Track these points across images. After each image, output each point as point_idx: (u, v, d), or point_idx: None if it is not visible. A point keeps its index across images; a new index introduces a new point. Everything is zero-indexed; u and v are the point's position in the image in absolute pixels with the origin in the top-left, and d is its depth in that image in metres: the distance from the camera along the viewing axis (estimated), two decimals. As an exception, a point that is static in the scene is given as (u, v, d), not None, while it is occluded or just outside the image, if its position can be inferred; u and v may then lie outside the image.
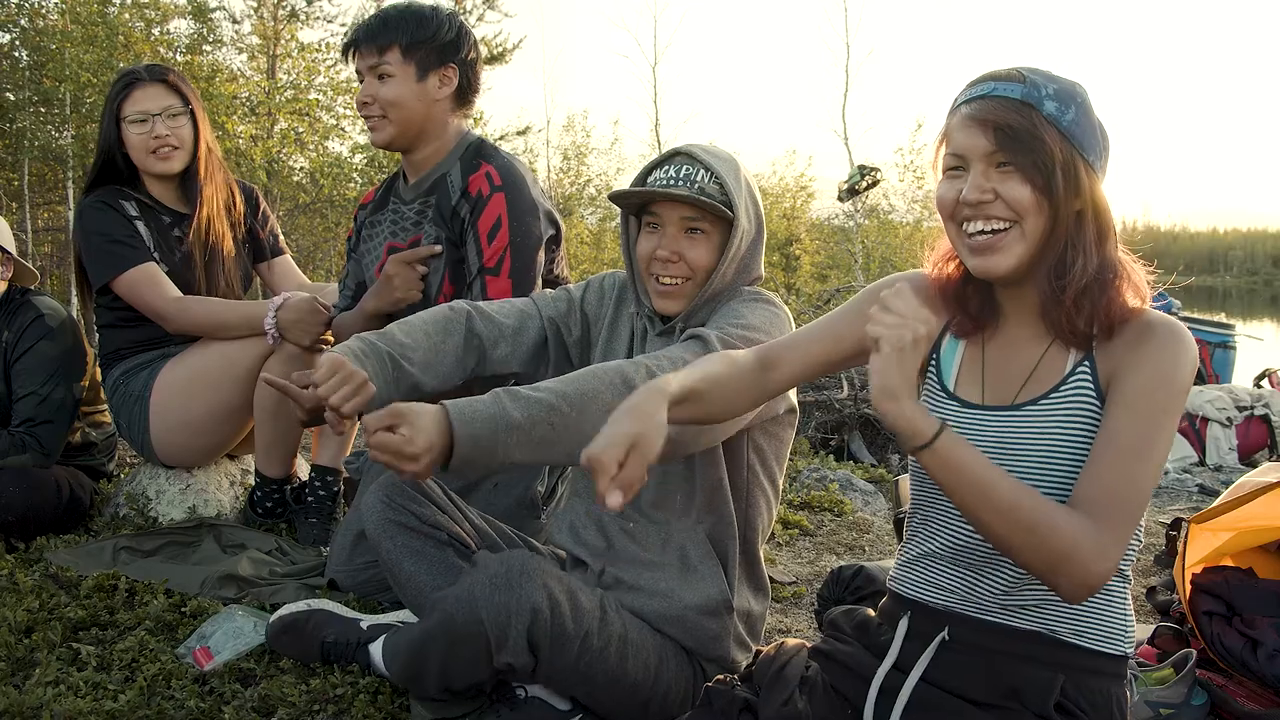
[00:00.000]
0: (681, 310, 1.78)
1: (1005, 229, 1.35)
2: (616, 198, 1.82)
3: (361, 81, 2.48)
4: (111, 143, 2.84)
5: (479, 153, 2.50)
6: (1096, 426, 1.34)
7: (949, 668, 1.39)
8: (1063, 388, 1.38)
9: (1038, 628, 1.38)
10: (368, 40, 2.43)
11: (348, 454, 2.89)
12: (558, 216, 2.50)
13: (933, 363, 1.52)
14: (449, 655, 1.61)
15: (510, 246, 2.36)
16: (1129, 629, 1.41)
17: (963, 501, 1.28)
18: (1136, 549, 1.42)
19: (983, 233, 1.35)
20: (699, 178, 1.73)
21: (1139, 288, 1.38)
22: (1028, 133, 1.31)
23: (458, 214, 2.42)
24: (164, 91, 2.83)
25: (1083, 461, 1.33)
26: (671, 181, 1.74)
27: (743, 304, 1.73)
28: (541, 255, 2.43)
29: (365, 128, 2.62)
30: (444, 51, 2.44)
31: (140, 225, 2.84)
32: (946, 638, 1.41)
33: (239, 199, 3.02)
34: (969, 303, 1.46)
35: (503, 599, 1.54)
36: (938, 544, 1.47)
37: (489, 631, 1.55)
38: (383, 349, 1.74)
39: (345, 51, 2.50)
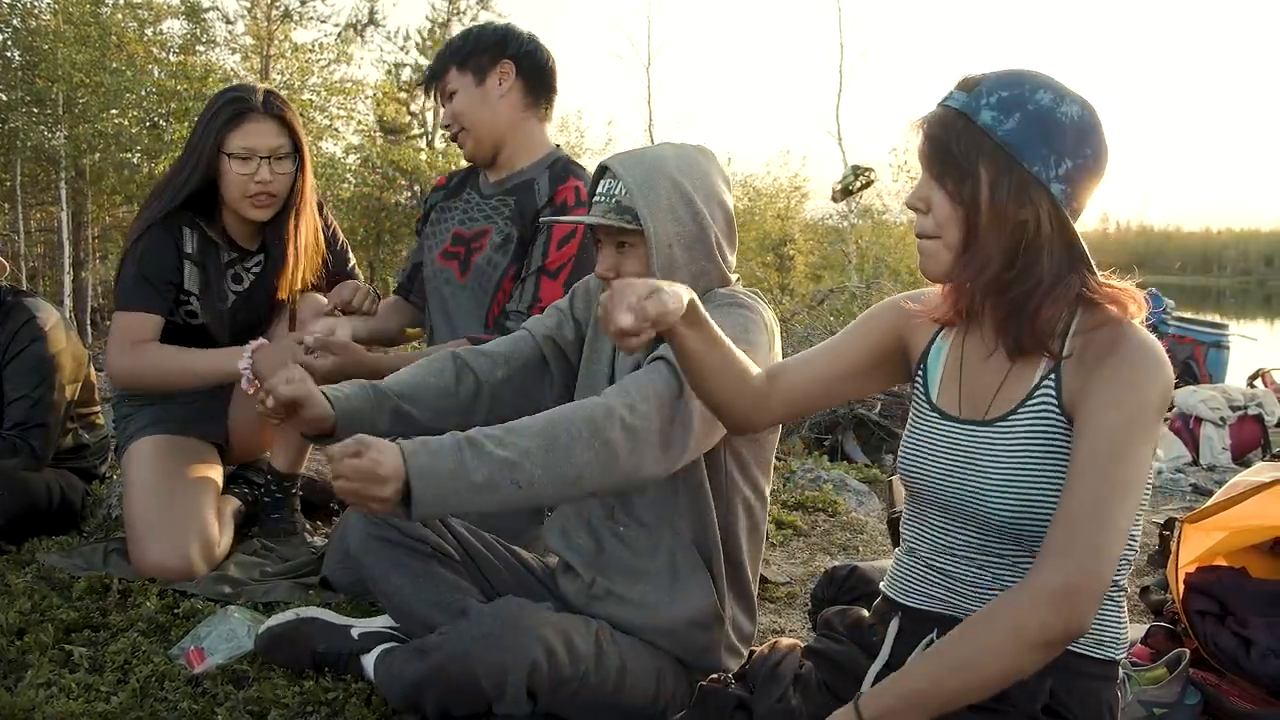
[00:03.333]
0: None
1: (933, 238, 1.36)
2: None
3: None
4: (209, 174, 2.51)
5: (568, 168, 2.61)
6: (1060, 442, 1.32)
7: None
8: (1028, 403, 1.37)
9: None
10: (431, 75, 2.63)
11: (305, 462, 2.85)
12: None
13: (919, 371, 1.52)
14: (445, 700, 1.61)
15: (576, 258, 2.45)
16: (1121, 636, 1.40)
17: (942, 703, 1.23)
18: (1132, 558, 1.41)
19: (920, 237, 1.38)
20: (617, 191, 1.71)
21: (1120, 304, 1.32)
22: (950, 144, 1.31)
23: (539, 218, 2.51)
24: (276, 130, 2.52)
25: (1047, 478, 1.32)
26: (598, 199, 1.74)
27: (715, 309, 1.65)
28: None
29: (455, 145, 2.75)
30: (493, 51, 2.57)
31: (188, 266, 2.57)
32: (934, 640, 1.41)
33: (321, 233, 2.75)
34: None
35: (497, 657, 1.53)
36: (925, 548, 1.47)
37: (486, 688, 1.55)
38: (363, 381, 1.75)
39: (426, 93, 2.70)
